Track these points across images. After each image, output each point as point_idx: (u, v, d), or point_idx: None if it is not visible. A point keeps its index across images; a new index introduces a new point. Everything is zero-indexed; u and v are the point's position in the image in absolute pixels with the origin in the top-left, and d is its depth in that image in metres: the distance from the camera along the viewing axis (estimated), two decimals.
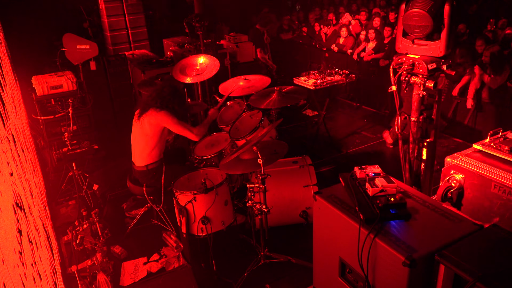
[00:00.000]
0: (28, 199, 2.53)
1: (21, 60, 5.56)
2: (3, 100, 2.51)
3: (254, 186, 3.32)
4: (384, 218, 2.23)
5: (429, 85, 2.86)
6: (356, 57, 7.64)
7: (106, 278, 3.27)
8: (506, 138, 2.90)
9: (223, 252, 3.67)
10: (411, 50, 2.93)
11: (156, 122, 3.61)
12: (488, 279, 1.76)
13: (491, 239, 2.08)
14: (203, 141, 4.43)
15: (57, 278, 2.80)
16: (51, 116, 4.61)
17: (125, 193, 4.35)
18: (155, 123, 3.61)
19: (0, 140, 1.96)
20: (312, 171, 3.96)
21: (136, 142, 3.77)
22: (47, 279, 2.20)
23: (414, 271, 1.97)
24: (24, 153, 3.27)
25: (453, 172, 2.83)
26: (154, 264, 3.59)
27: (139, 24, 7.18)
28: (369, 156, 5.68)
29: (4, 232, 1.43)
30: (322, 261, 2.70)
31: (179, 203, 3.45)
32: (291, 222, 3.97)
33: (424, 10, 2.65)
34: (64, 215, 4.38)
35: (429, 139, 3.13)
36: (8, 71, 3.89)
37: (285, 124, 6.63)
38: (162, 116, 3.59)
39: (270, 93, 4.20)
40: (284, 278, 3.44)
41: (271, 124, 3.89)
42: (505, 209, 2.57)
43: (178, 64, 4.78)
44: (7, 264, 1.33)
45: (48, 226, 3.53)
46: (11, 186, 1.91)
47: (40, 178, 4.44)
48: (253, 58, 6.65)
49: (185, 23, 4.90)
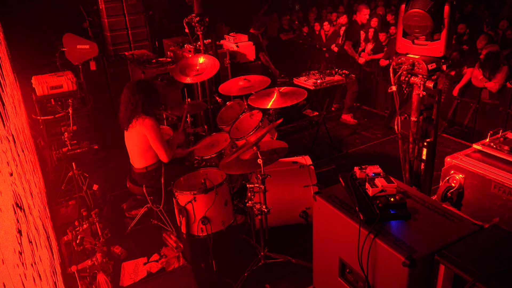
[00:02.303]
0: (28, 199, 2.53)
1: (21, 60, 5.56)
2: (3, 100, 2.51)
3: (254, 186, 3.32)
4: (384, 218, 2.23)
5: (429, 85, 2.86)
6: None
7: (106, 278, 3.27)
8: (506, 138, 2.90)
9: (223, 252, 3.67)
10: (411, 50, 2.93)
11: (142, 131, 3.60)
12: (488, 279, 1.76)
13: (491, 239, 2.08)
14: (203, 141, 4.43)
15: (57, 278, 2.80)
16: (51, 116, 4.61)
17: (125, 193, 4.35)
18: (141, 131, 3.60)
19: (0, 140, 1.96)
20: (312, 171, 3.96)
21: (131, 148, 3.78)
22: (47, 279, 2.20)
23: (414, 271, 1.97)
24: (24, 153, 3.27)
25: (453, 172, 2.84)
26: (154, 264, 3.59)
27: (139, 24, 7.17)
28: (369, 156, 5.68)
29: (4, 232, 1.43)
30: (322, 261, 2.70)
31: (179, 203, 3.45)
32: (291, 222, 3.97)
33: (424, 10, 2.65)
34: (64, 215, 4.38)
35: (429, 139, 3.13)
36: (8, 71, 3.89)
37: (285, 124, 6.63)
38: (146, 125, 3.56)
39: (270, 93, 4.20)
40: (284, 278, 3.44)
41: (271, 124, 3.89)
42: (505, 209, 2.57)
43: (178, 64, 4.78)
44: (7, 264, 1.33)
45: (48, 226, 3.53)
46: (11, 186, 1.91)
47: (40, 178, 4.44)
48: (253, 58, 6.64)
49: (185, 23, 4.89)
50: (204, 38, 5.01)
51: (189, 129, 4.68)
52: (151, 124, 3.58)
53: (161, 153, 3.66)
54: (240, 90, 4.38)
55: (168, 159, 3.70)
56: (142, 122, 3.58)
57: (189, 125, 4.68)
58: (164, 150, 3.64)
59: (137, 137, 3.63)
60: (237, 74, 5.19)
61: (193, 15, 4.81)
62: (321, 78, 5.81)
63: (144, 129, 3.58)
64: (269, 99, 4.11)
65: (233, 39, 6.40)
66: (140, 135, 3.62)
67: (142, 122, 3.58)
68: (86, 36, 5.96)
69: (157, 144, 3.62)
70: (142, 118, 3.58)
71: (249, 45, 6.44)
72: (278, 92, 4.17)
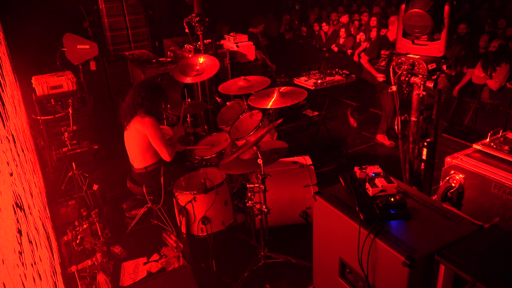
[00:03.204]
0: (28, 199, 2.53)
1: (21, 60, 5.56)
2: (3, 100, 2.51)
3: (254, 186, 3.32)
4: (384, 218, 2.23)
5: (429, 85, 2.86)
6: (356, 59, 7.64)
7: (106, 278, 3.27)
8: (506, 138, 2.90)
9: (223, 252, 3.67)
10: (411, 50, 2.93)
11: (142, 130, 3.60)
12: (488, 279, 1.76)
13: (491, 239, 2.08)
14: (203, 141, 4.43)
15: (57, 278, 2.80)
16: (51, 116, 4.61)
17: (125, 193, 4.35)
18: (141, 130, 3.60)
19: (0, 140, 1.96)
20: (312, 171, 3.96)
21: (130, 148, 3.77)
22: (47, 279, 2.20)
23: (414, 271, 1.97)
24: (24, 153, 3.27)
25: (453, 172, 2.83)
26: (154, 264, 3.59)
27: (139, 24, 7.17)
28: (369, 156, 5.68)
29: (4, 232, 1.43)
30: (322, 261, 2.70)
31: (179, 203, 3.45)
32: (291, 222, 3.97)
33: (424, 10, 2.65)
34: (64, 215, 4.38)
35: (429, 139, 3.13)
36: (8, 71, 3.89)
37: (285, 124, 6.63)
38: (146, 124, 3.57)
39: (270, 93, 4.20)
40: (284, 278, 3.44)
41: (271, 124, 3.89)
42: (505, 209, 2.57)
43: (178, 64, 4.78)
44: (7, 264, 1.33)
45: (48, 226, 3.53)
46: (11, 186, 1.91)
47: (40, 178, 4.44)
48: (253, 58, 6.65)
49: (185, 23, 4.89)
50: (204, 38, 5.01)
51: (189, 129, 4.68)
52: (151, 122, 3.58)
53: (162, 151, 3.65)
54: (240, 90, 4.38)
55: (171, 157, 3.68)
56: (142, 121, 3.57)
57: (189, 125, 4.68)
58: (165, 148, 3.63)
59: (137, 136, 3.63)
60: (237, 74, 5.19)
61: (193, 15, 4.81)
62: (321, 78, 5.81)
63: (144, 128, 3.57)
64: (269, 99, 4.11)
65: (233, 39, 6.40)
66: (139, 134, 3.61)
67: (142, 121, 3.57)
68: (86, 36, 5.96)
69: (158, 142, 3.61)
70: (142, 117, 3.58)
71: (249, 45, 6.44)
72: (278, 92, 4.17)
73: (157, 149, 3.65)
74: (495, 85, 5.89)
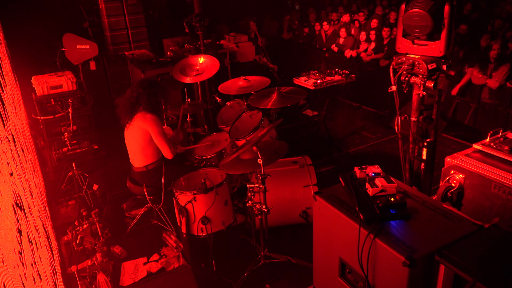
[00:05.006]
0: (28, 199, 2.53)
1: (21, 60, 5.56)
2: (3, 100, 2.51)
3: (254, 186, 3.32)
4: (384, 218, 2.23)
5: (429, 85, 2.86)
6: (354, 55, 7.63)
7: (106, 278, 3.27)
8: (506, 138, 2.90)
9: (223, 252, 3.67)
10: (411, 50, 2.93)
11: (143, 126, 3.60)
12: (488, 279, 1.76)
13: (491, 239, 2.08)
14: (203, 141, 4.43)
15: (57, 278, 2.80)
16: (51, 116, 4.61)
17: (125, 193, 4.35)
18: (143, 127, 3.60)
19: (0, 140, 1.96)
20: (312, 171, 3.96)
21: (131, 146, 3.77)
22: (47, 279, 2.20)
23: (414, 271, 1.97)
24: (24, 153, 3.27)
25: (453, 172, 2.83)
26: (154, 264, 3.59)
27: (139, 24, 7.18)
28: (369, 156, 5.68)
29: (4, 232, 1.43)
30: (322, 261, 2.70)
31: (179, 203, 3.45)
32: (291, 222, 3.97)
33: (424, 10, 2.65)
34: (64, 215, 4.38)
35: (429, 139, 3.13)
36: (8, 71, 3.89)
37: (285, 124, 6.62)
38: (148, 121, 3.57)
39: (270, 93, 4.20)
40: (284, 278, 3.44)
41: (271, 124, 3.89)
42: (505, 209, 2.57)
43: (178, 64, 4.78)
44: (7, 264, 1.33)
45: (48, 226, 3.53)
46: (11, 186, 1.91)
47: (40, 178, 4.44)
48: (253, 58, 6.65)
49: (185, 23, 4.89)
50: (204, 38, 5.02)
51: (189, 129, 4.68)
52: (153, 119, 3.58)
53: (164, 148, 3.65)
54: (240, 90, 4.38)
55: (173, 155, 3.68)
56: (144, 118, 3.57)
57: (189, 125, 4.68)
58: (167, 145, 3.63)
59: (138, 132, 3.62)
60: (237, 74, 5.19)
61: (193, 15, 4.82)
62: (321, 78, 5.81)
63: (147, 125, 3.57)
64: (269, 99, 4.11)
65: (233, 39, 6.41)
66: (140, 131, 3.61)
67: (144, 118, 3.57)
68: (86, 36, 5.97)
69: (161, 139, 3.61)
70: (143, 114, 3.58)
71: (249, 45, 6.45)
72: (278, 92, 4.17)
73: (159, 146, 3.64)
74: (495, 84, 5.88)
